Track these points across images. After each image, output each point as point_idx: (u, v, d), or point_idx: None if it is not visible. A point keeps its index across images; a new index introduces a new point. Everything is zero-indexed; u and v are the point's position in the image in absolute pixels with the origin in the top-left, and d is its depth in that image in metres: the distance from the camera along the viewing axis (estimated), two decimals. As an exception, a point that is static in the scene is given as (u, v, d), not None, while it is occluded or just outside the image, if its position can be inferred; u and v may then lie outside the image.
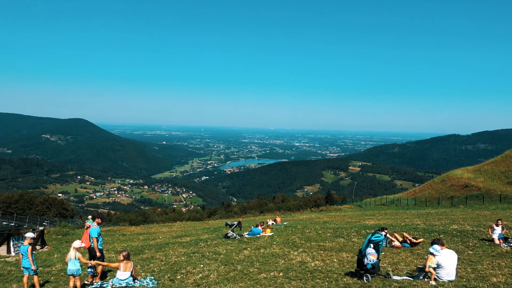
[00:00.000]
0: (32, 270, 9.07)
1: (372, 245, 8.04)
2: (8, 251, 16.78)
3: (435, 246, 8.17)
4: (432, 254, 8.00)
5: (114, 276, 9.09)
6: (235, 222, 19.24)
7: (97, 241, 9.49)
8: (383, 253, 10.99)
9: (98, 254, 9.45)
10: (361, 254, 8.10)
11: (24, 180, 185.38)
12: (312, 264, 9.93)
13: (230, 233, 17.31)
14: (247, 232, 18.14)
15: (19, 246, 16.31)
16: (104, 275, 10.01)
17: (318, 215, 31.99)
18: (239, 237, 17.02)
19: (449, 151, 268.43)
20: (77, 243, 8.89)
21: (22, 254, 9.12)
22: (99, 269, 9.68)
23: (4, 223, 37.65)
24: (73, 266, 8.60)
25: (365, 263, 7.94)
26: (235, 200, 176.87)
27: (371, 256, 7.88)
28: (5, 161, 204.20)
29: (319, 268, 9.41)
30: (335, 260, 10.43)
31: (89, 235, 9.54)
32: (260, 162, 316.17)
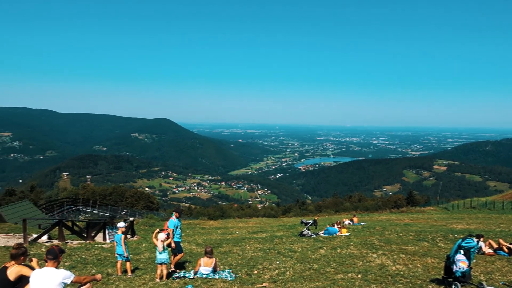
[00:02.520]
0: (124, 256, 9.90)
1: (462, 252, 7.38)
2: (104, 238, 18.42)
3: None
4: None
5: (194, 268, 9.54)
6: (311, 221, 19.02)
7: (173, 233, 9.96)
8: (474, 260, 10.04)
9: (173, 245, 9.88)
10: (450, 261, 7.49)
11: (117, 174, 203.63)
12: (393, 268, 9.43)
13: (306, 231, 17.15)
14: (323, 231, 17.85)
15: (113, 235, 17.81)
16: (180, 266, 10.55)
17: (399, 217, 30.30)
18: (314, 236, 16.81)
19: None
20: (161, 236, 9.47)
21: (116, 242, 10.00)
22: (175, 260, 10.27)
23: (100, 213, 41.76)
24: (161, 256, 9.21)
25: (453, 270, 7.32)
26: (310, 198, 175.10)
27: (461, 263, 7.23)
28: (101, 157, 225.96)
29: (401, 272, 8.90)
30: (418, 265, 9.79)
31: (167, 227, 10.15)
32: (336, 160, 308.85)
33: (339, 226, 18.40)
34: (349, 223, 22.95)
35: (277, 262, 10.70)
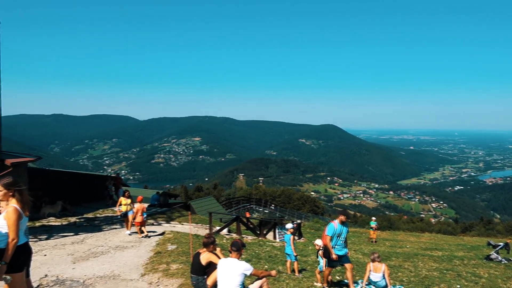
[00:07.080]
0: (293, 256, 10.40)
1: None
2: (274, 237, 19.73)
3: None
4: None
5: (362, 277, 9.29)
6: (501, 243, 16.19)
7: (331, 240, 8.25)
8: None
9: (333, 256, 8.26)
10: None
11: (285, 178, 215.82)
12: None
13: (494, 255, 14.71)
14: (518, 258, 14.96)
15: (282, 235, 18.92)
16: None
17: None
18: (505, 262, 14.24)
19: None
20: (318, 241, 9.54)
21: (286, 242, 10.59)
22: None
23: (271, 213, 44.99)
24: (323, 262, 9.30)
25: None
26: (498, 216, 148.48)
27: None
28: (272, 161, 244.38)
29: None
30: None
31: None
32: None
33: (541, 254, 15.12)
34: (557, 252, 18.56)
35: (458, 286, 9.50)
